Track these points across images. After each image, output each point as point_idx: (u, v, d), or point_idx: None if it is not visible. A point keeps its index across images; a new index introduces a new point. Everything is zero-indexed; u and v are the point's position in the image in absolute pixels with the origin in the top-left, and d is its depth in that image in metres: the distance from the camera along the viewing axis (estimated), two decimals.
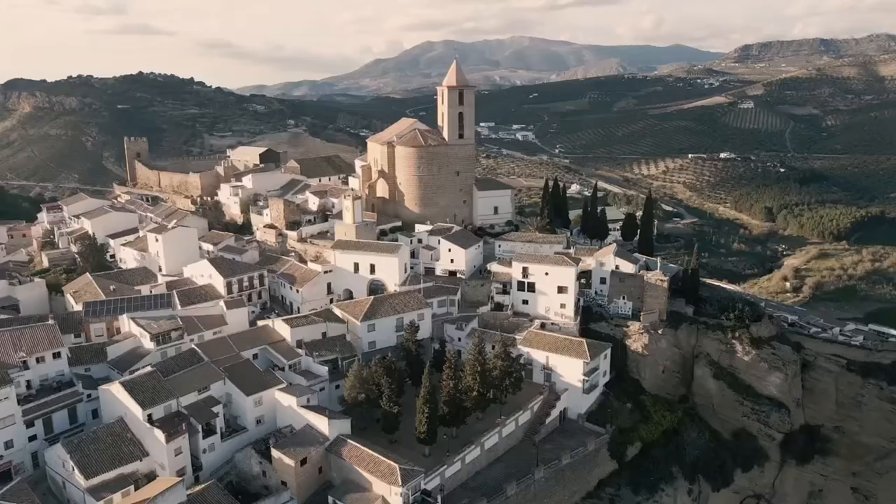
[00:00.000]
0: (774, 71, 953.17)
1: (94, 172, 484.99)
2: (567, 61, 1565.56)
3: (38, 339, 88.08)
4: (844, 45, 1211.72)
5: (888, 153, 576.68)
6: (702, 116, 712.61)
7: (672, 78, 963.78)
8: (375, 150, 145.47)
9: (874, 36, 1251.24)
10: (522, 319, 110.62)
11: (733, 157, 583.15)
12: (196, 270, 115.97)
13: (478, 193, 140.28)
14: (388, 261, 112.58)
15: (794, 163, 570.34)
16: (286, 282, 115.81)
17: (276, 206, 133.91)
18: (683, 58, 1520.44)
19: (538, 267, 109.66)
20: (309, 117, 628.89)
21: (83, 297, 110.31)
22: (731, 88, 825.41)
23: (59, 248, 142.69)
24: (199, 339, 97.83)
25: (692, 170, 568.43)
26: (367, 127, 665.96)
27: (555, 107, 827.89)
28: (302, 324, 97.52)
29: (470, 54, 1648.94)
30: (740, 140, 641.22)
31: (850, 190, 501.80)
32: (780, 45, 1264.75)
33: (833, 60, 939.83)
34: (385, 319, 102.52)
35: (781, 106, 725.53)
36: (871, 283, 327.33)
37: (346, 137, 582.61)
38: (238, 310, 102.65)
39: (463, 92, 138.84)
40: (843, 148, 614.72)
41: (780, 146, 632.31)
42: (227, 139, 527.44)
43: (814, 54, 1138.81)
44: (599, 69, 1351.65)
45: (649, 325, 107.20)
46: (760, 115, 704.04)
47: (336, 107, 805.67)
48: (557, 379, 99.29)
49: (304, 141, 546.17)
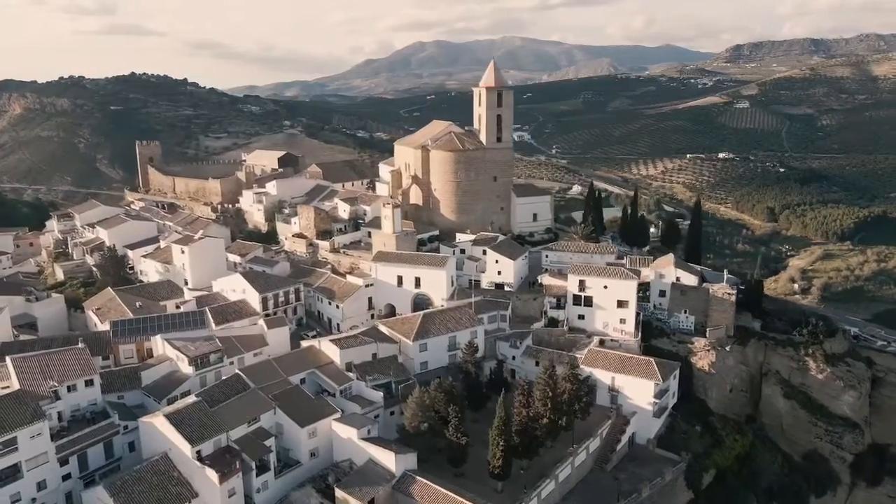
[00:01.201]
0: (766, 71, 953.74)
1: (88, 175, 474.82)
2: (558, 61, 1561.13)
3: (68, 365, 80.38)
4: (835, 44, 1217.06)
5: (886, 153, 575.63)
6: (697, 116, 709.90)
7: (665, 78, 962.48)
8: (407, 155, 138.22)
9: (864, 36, 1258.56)
10: (579, 336, 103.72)
11: (732, 158, 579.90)
12: (227, 285, 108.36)
13: (517, 200, 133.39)
14: (436, 274, 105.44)
15: (793, 163, 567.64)
16: (324, 296, 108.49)
17: (305, 214, 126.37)
18: (674, 58, 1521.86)
19: (596, 280, 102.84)
20: (304, 118, 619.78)
21: (108, 314, 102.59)
22: (725, 88, 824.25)
23: (73, 259, 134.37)
24: (240, 362, 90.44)
25: (691, 170, 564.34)
26: (363, 128, 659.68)
27: (549, 107, 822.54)
28: (352, 345, 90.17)
29: (461, 55, 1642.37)
30: (737, 140, 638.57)
31: (850, 190, 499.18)
32: (771, 45, 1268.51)
33: (824, 60, 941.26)
34: (437, 338, 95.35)
35: (776, 106, 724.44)
36: (878, 283, 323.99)
37: (342, 138, 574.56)
38: (279, 329, 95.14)
39: (502, 93, 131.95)
40: (841, 148, 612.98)
41: (777, 146, 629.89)
42: (222, 140, 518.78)
43: (804, 54, 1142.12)
44: (591, 69, 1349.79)
45: (716, 342, 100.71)
46: (756, 115, 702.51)
47: (329, 107, 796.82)
48: (625, 401, 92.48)
49: (301, 142, 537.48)
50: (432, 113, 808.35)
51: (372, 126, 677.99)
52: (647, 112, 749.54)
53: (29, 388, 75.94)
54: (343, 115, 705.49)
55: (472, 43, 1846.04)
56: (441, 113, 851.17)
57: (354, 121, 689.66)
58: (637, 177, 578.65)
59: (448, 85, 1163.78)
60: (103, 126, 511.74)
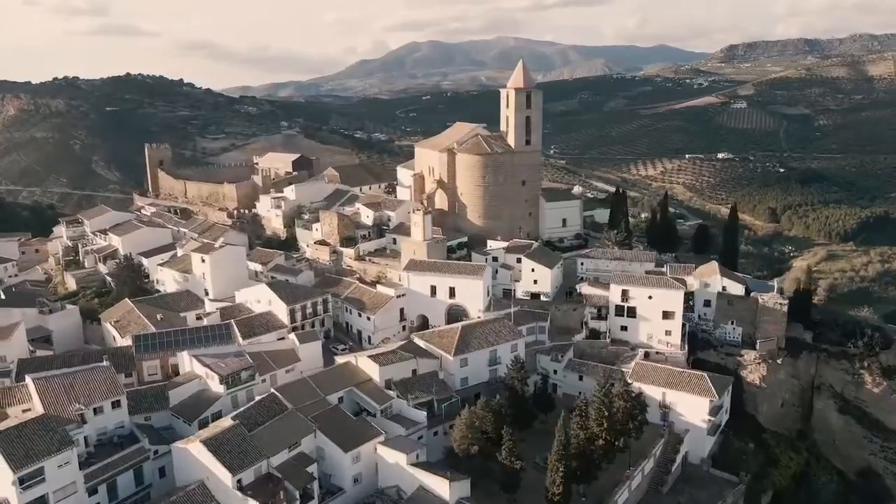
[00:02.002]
0: (761, 71, 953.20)
1: (83, 176, 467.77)
2: (553, 62, 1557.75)
3: (94, 385, 75.21)
4: (828, 45, 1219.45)
5: (884, 153, 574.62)
6: (695, 117, 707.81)
7: (660, 78, 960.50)
8: (431, 158, 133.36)
9: (857, 36, 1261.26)
10: (622, 348, 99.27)
11: (731, 158, 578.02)
12: (251, 295, 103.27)
13: (546, 204, 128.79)
14: (472, 284, 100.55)
15: (792, 163, 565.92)
16: (353, 307, 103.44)
17: (328, 220, 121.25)
18: (668, 58, 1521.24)
19: (641, 290, 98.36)
20: (301, 119, 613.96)
21: (127, 327, 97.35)
22: (721, 88, 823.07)
23: (84, 267, 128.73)
24: (272, 379, 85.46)
25: (691, 170, 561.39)
26: (361, 129, 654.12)
27: (546, 107, 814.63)
28: (391, 361, 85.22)
29: (455, 55, 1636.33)
30: (735, 140, 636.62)
31: (850, 190, 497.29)
32: (765, 46, 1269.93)
33: (819, 61, 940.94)
34: (478, 353, 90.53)
35: (773, 106, 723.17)
36: (884, 284, 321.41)
37: (340, 139, 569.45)
38: (311, 344, 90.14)
39: (531, 94, 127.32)
40: (839, 148, 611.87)
41: (775, 146, 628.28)
42: (219, 141, 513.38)
43: (798, 54, 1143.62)
44: (586, 69, 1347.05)
45: (766, 354, 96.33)
46: (753, 115, 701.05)
47: (326, 108, 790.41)
48: (676, 418, 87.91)
49: (299, 143, 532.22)
50: (428, 114, 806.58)
51: (369, 127, 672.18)
52: (644, 112, 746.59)
53: (53, 411, 70.91)
54: (340, 116, 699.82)
55: (466, 43, 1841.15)
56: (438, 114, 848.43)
57: (351, 121, 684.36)
58: (636, 177, 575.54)
59: (443, 85, 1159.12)
60: (99, 127, 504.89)
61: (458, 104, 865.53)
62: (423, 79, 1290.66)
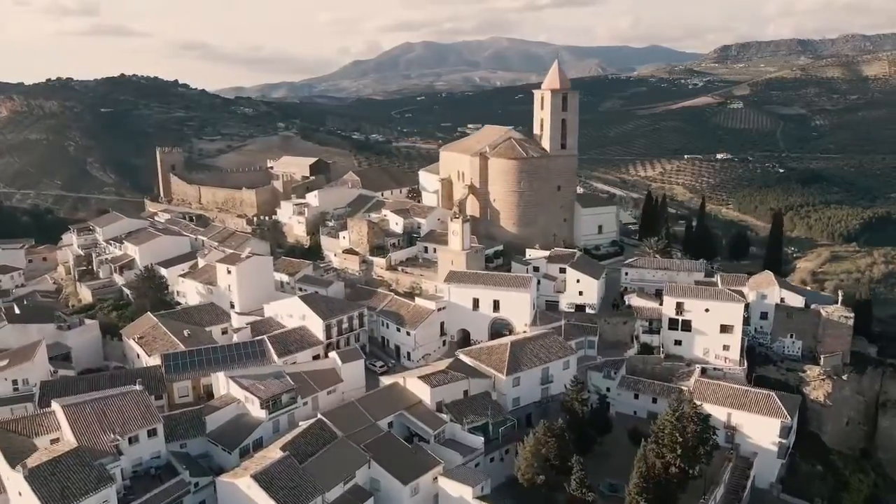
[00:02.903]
0: (754, 71, 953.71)
1: (78, 178, 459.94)
2: (546, 62, 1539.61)
3: (128, 411, 69.44)
4: (821, 45, 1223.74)
5: (882, 153, 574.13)
6: (692, 117, 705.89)
7: (655, 78, 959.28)
8: (460, 162, 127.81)
9: (849, 36, 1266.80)
10: (677, 364, 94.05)
11: (730, 158, 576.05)
12: (283, 309, 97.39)
13: (581, 211, 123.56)
14: (518, 297, 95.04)
15: (791, 163, 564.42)
16: (391, 322, 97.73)
17: (357, 227, 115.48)
18: (661, 58, 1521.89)
19: (697, 302, 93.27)
20: (298, 120, 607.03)
21: (153, 344, 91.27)
22: (716, 89, 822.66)
23: (99, 277, 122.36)
24: (314, 402, 79.75)
25: (690, 171, 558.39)
26: (358, 130, 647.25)
27: None
28: (443, 382, 79.62)
29: (449, 55, 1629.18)
30: (732, 140, 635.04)
31: (850, 190, 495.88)
32: (758, 46, 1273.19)
33: (813, 61, 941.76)
34: (530, 371, 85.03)
35: (769, 106, 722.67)
36: (889, 285, 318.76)
37: (338, 140, 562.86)
38: (354, 363, 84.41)
39: (567, 96, 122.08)
40: (836, 148, 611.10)
41: (773, 146, 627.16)
42: (216, 143, 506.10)
43: (791, 54, 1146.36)
44: (579, 70, 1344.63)
45: (831, 370, 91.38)
46: (750, 116, 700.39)
47: (321, 109, 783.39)
48: (743, 440, 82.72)
49: (296, 144, 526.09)
50: (424, 114, 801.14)
51: (366, 128, 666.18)
52: (641, 112, 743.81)
53: (86, 442, 65.12)
54: (336, 117, 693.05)
55: (459, 43, 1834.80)
56: (433, 114, 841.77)
57: (348, 122, 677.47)
58: (636, 178, 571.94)
59: (437, 86, 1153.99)
60: (93, 128, 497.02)
61: (454, 105, 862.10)
62: (416, 79, 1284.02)
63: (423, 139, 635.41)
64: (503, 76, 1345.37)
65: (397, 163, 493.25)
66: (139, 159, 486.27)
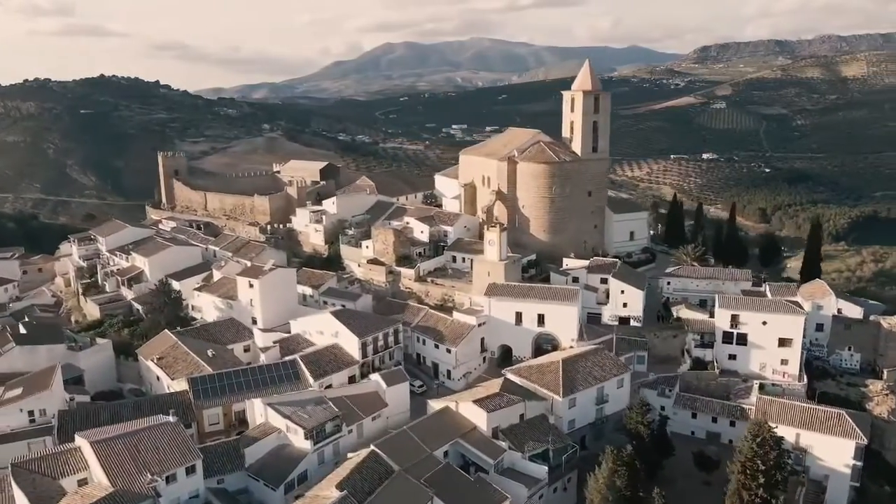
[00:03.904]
0: (734, 72, 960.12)
1: (58, 181, 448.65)
2: (527, 62, 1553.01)
3: (164, 447, 62.95)
4: (798, 45, 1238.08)
5: (864, 152, 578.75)
6: (675, 117, 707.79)
7: (637, 79, 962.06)
8: (486, 167, 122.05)
9: (826, 37, 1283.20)
10: (733, 380, 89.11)
11: (717, 158, 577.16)
12: (312, 326, 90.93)
13: (613, 217, 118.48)
14: (564, 310, 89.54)
15: (776, 163, 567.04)
16: (429, 338, 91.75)
17: (382, 236, 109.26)
18: (641, 59, 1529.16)
19: (754, 315, 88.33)
20: (282, 121, 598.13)
21: (175, 366, 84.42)
22: (698, 89, 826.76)
23: (105, 291, 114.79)
24: (358, 430, 73.62)
25: (677, 171, 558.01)
26: (344, 131, 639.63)
27: (525, 108, 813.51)
28: (499, 406, 73.81)
29: (430, 56, 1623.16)
30: (717, 140, 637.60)
31: (835, 190, 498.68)
32: (737, 47, 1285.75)
33: (792, 62, 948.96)
34: (586, 392, 79.65)
35: (751, 106, 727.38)
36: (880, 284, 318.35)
37: (323, 141, 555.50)
38: (399, 386, 78.31)
39: (599, 97, 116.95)
40: (819, 148, 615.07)
41: (757, 146, 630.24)
42: (200, 145, 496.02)
43: (770, 55, 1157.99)
44: (561, 70, 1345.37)
45: (895, 384, 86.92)
46: (733, 116, 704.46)
47: (305, 110, 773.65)
48: (813, 462, 77.91)
49: (282, 145, 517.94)
50: (408, 115, 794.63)
51: (351, 129, 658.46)
52: (624, 113, 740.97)
53: (121, 483, 58.66)
54: (320, 118, 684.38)
55: (441, 44, 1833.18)
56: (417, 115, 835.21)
57: (332, 123, 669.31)
58: (623, 178, 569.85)
59: (419, 86, 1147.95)
60: (73, 130, 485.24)
61: (437, 105, 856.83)
62: (398, 80, 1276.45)
63: (410, 140, 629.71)
64: (485, 77, 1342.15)
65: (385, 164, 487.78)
66: (121, 162, 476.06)
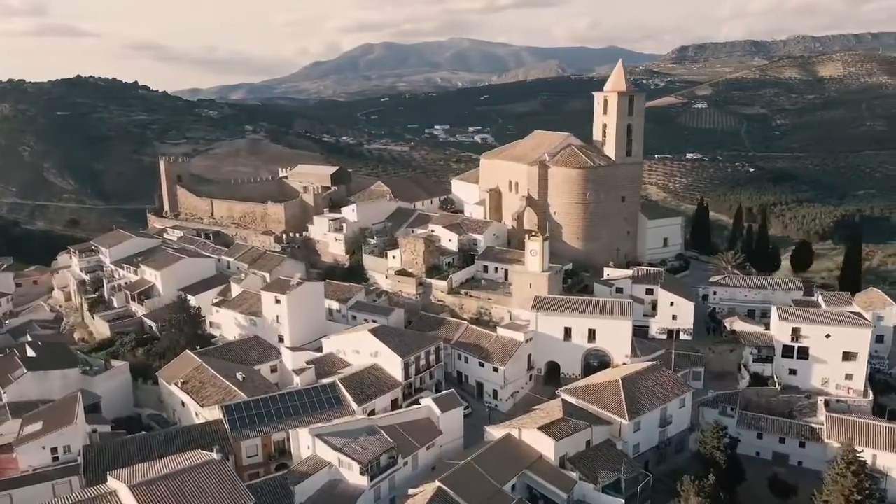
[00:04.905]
0: (712, 72, 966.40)
1: (35, 185, 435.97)
2: (507, 63, 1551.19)
3: (210, 490, 56.64)
4: (773, 46, 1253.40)
5: (844, 151, 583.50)
6: (657, 117, 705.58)
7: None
8: (515, 172, 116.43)
9: (800, 38, 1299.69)
10: (795, 396, 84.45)
11: (700, 158, 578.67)
12: (347, 344, 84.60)
13: (647, 223, 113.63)
14: (618, 325, 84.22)
15: (759, 162, 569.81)
16: (473, 355, 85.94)
17: (411, 246, 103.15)
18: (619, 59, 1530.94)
19: (817, 327, 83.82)
20: (265, 122, 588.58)
21: (204, 391, 77.67)
22: (677, 89, 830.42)
23: (113, 307, 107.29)
24: (413, 461, 67.62)
25: (661, 171, 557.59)
26: (327, 132, 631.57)
27: (507, 108, 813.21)
28: (566, 433, 68.14)
29: (409, 56, 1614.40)
30: (699, 140, 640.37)
31: (818, 189, 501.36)
32: (714, 47, 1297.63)
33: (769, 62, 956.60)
34: (651, 414, 74.42)
35: (732, 106, 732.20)
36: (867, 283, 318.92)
37: (308, 143, 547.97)
38: (454, 411, 72.34)
39: (633, 99, 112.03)
40: (800, 147, 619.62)
41: (738, 145, 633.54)
42: (181, 146, 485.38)
43: (746, 55, 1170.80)
44: (540, 71, 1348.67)
45: None
46: (715, 115, 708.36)
47: (286, 110, 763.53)
48: (892, 486, 73.43)
49: (266, 148, 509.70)
50: (390, 116, 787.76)
51: (335, 130, 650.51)
52: None
53: None
54: (303, 119, 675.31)
55: (420, 44, 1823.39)
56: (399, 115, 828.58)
57: (315, 125, 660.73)
58: None
59: (399, 87, 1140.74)
60: (49, 132, 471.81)
61: (419, 106, 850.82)
62: (377, 80, 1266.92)
63: (395, 141, 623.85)
64: (465, 77, 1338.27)
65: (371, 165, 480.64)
66: (100, 164, 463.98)
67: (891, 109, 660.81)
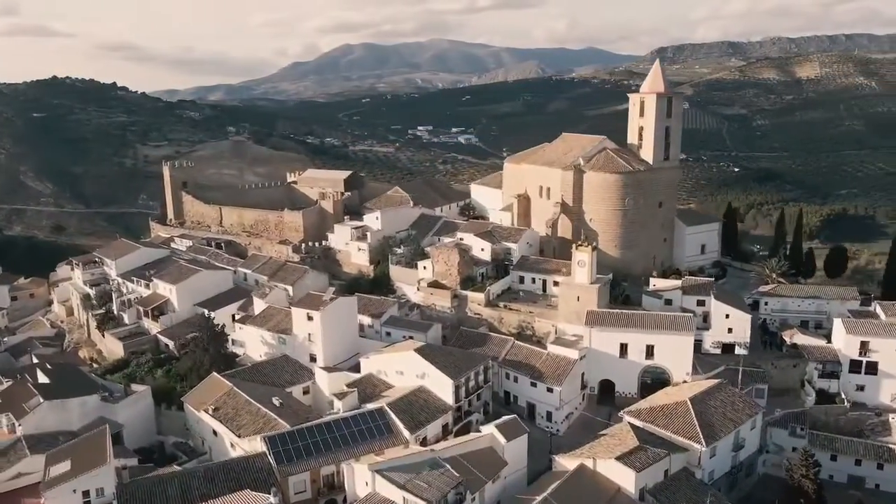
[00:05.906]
0: (691, 73, 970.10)
1: (11, 188, 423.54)
2: (486, 63, 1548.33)
3: None
4: (749, 47, 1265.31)
5: (825, 151, 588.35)
6: None
7: (597, 79, 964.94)
8: (547, 177, 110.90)
9: (776, 39, 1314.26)
10: (864, 414, 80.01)
11: (685, 158, 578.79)
12: (390, 365, 78.46)
13: (686, 229, 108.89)
14: (678, 340, 79.15)
15: (743, 162, 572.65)
16: (524, 374, 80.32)
17: (445, 256, 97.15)
18: (597, 59, 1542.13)
19: (886, 341, 79.39)
20: (247, 124, 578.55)
21: (239, 419, 71.15)
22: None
23: (124, 323, 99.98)
24: (480, 496, 61.84)
25: None
26: (310, 133, 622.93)
27: (490, 109, 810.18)
28: (646, 463, 62.80)
29: (390, 57, 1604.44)
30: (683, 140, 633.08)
31: (802, 188, 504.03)
32: (692, 48, 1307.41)
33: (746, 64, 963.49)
34: (726, 439, 69.38)
35: (712, 106, 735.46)
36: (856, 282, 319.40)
37: (292, 145, 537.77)
38: (518, 440, 66.65)
39: (672, 100, 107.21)
40: (781, 147, 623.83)
41: (721, 146, 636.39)
42: (163, 149, 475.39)
43: (723, 56, 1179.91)
44: (519, 71, 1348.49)
45: None
46: (696, 116, 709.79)
47: (266, 111, 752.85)
48: None
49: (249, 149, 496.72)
50: (372, 116, 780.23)
51: (318, 131, 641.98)
52: (589, 113, 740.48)
53: None
54: (285, 120, 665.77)
55: (400, 45, 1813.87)
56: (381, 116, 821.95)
57: (298, 126, 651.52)
58: None
59: (379, 88, 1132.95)
60: (26, 135, 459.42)
61: (400, 107, 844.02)
62: (357, 81, 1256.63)
63: (379, 142, 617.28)
64: (445, 78, 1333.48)
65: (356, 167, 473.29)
66: (79, 167, 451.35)
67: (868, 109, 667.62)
